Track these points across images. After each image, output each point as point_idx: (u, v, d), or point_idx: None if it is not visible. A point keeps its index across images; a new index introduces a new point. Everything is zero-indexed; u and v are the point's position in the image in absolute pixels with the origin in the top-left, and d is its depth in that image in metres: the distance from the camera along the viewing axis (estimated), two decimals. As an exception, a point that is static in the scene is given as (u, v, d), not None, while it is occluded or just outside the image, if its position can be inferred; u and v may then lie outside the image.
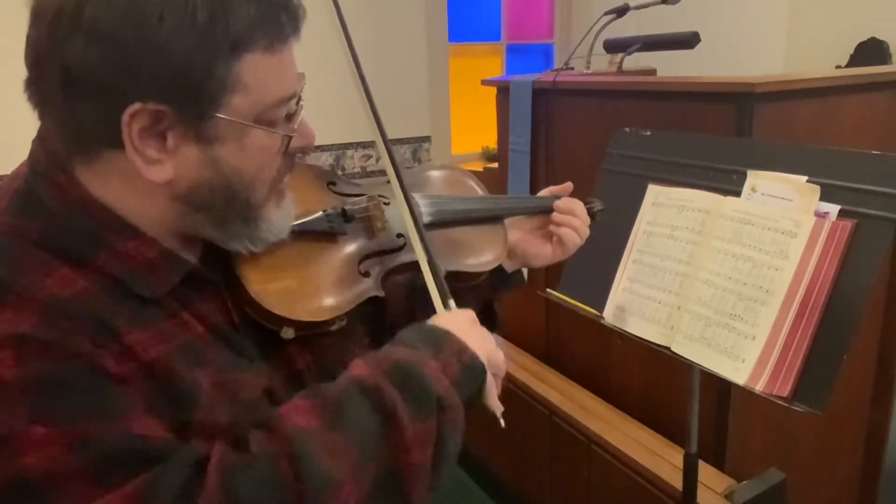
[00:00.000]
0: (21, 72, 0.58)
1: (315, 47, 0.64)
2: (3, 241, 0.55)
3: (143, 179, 0.57)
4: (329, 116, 3.30)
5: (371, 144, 3.52)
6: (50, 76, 0.54)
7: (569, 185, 1.03)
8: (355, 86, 0.75)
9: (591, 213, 1.02)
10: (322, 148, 3.37)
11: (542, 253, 0.99)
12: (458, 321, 0.71)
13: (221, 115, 0.57)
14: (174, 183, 0.59)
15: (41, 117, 0.59)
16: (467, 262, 0.88)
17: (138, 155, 0.56)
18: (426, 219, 0.86)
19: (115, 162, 0.57)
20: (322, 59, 0.63)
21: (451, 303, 0.73)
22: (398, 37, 3.50)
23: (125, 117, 0.54)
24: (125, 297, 0.57)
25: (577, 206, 0.99)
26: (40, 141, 0.61)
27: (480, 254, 0.90)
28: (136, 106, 0.53)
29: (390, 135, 0.79)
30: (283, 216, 0.68)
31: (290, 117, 0.63)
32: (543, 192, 1.04)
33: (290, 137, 0.63)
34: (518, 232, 1.00)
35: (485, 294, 0.97)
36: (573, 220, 0.97)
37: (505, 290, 1.00)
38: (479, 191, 0.99)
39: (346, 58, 0.73)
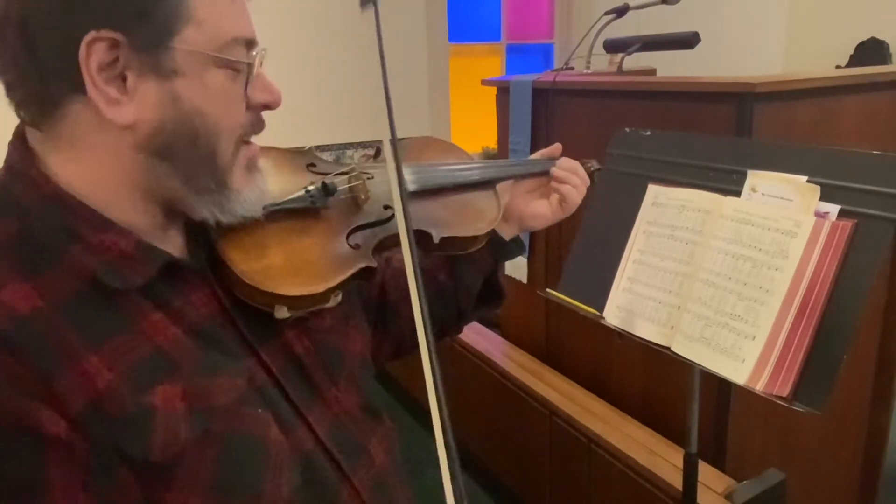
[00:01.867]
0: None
1: (316, 48, 0.64)
2: None
3: (106, 131, 0.58)
4: (329, 116, 3.30)
5: (371, 144, 3.52)
6: (10, 32, 0.56)
7: (558, 146, 1.05)
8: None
9: (589, 174, 1.04)
10: (322, 148, 3.37)
11: (540, 213, 1.00)
12: None
13: (177, 46, 0.58)
14: (136, 127, 0.59)
15: (7, 88, 0.60)
16: (460, 228, 0.87)
17: (99, 94, 0.56)
18: (412, 187, 0.85)
19: (77, 114, 0.58)
20: (323, 59, 0.63)
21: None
22: (398, 37, 3.50)
23: (82, 50, 0.55)
24: (89, 304, 0.57)
25: (576, 164, 1.01)
26: (14, 135, 0.62)
27: (475, 217, 0.89)
28: (91, 35, 0.55)
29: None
30: (254, 188, 0.68)
31: (250, 66, 0.64)
32: (535, 156, 1.04)
33: (249, 72, 0.63)
34: (510, 195, 1.00)
35: (486, 265, 0.98)
36: (574, 177, 0.99)
37: (505, 258, 1.00)
38: (464, 156, 0.98)
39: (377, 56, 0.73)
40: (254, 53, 0.64)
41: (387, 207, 0.80)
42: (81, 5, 0.55)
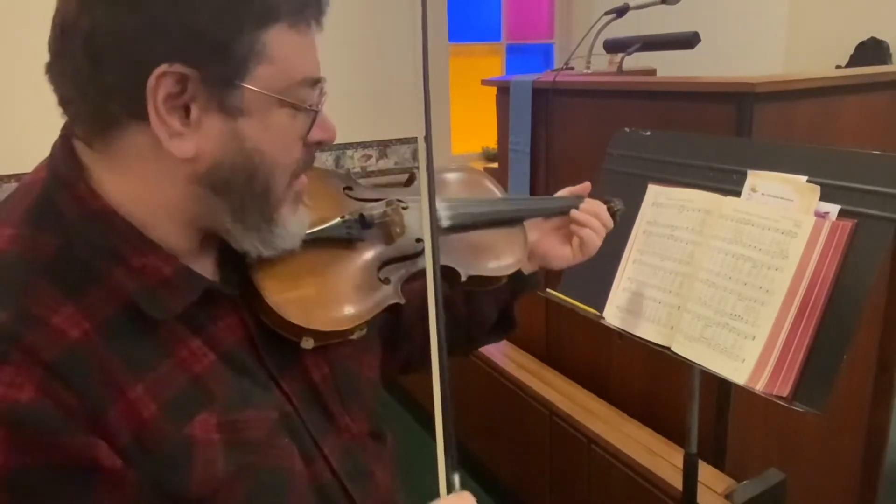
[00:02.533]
0: (25, 74, 0.58)
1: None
2: (17, 264, 0.54)
3: (163, 159, 0.57)
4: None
5: (371, 145, 3.52)
6: (75, 44, 0.54)
7: (587, 185, 1.01)
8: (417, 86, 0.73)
9: (611, 213, 1.01)
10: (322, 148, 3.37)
11: (562, 254, 0.97)
12: None
13: (247, 85, 0.57)
14: (196, 160, 0.57)
15: (63, 98, 0.58)
16: (488, 266, 0.86)
17: (162, 125, 0.55)
18: (445, 223, 0.84)
19: (136, 140, 0.57)
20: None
21: (455, 479, 0.62)
22: (398, 37, 3.50)
23: (151, 81, 0.53)
24: (130, 327, 0.56)
25: (600, 207, 0.98)
26: (61, 143, 0.60)
27: (501, 257, 0.88)
28: (163, 68, 0.53)
29: (390, 135, 0.79)
30: (297, 223, 0.67)
31: (312, 105, 0.63)
32: (562, 192, 1.02)
33: (313, 121, 0.63)
34: (537, 232, 0.98)
35: (503, 297, 0.96)
36: (594, 221, 0.96)
37: (523, 292, 0.98)
38: (497, 192, 0.97)
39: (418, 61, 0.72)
40: (318, 92, 0.63)
41: (419, 241, 0.79)
42: (158, 34, 0.53)
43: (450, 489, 0.60)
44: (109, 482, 0.52)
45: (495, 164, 2.27)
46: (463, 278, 0.82)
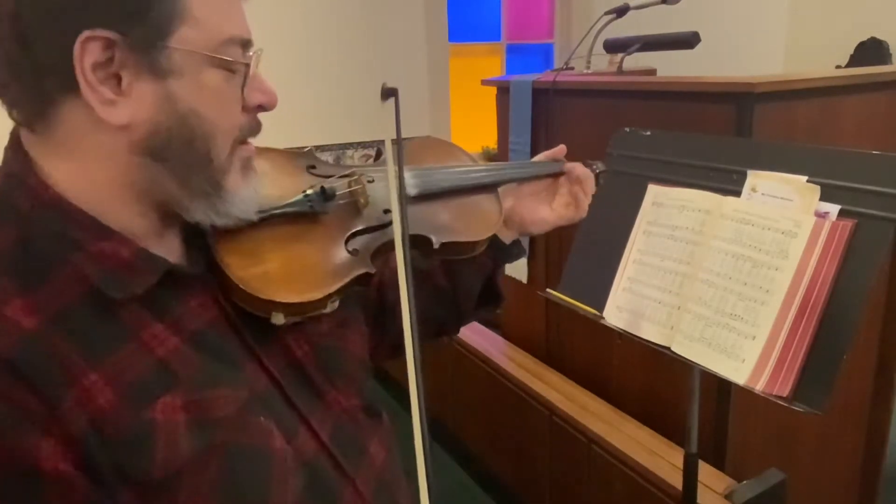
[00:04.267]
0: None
1: (316, 47, 0.64)
2: None
3: (101, 131, 0.57)
4: (329, 116, 3.30)
5: (371, 145, 3.52)
6: (3, 29, 0.55)
7: (563, 148, 1.02)
8: None
9: (596, 175, 1.02)
10: (322, 148, 3.37)
11: (541, 217, 0.98)
12: None
13: (173, 45, 0.57)
14: (132, 128, 0.58)
15: (2, 88, 0.59)
16: (463, 232, 0.86)
17: (94, 93, 0.56)
18: (412, 191, 0.84)
19: (71, 115, 0.57)
20: (323, 60, 0.63)
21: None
22: (398, 37, 3.50)
23: (76, 48, 0.54)
24: (87, 316, 0.56)
25: (581, 168, 1.00)
26: (10, 141, 0.61)
27: (474, 223, 0.88)
28: (86, 34, 0.54)
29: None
30: (249, 190, 0.67)
31: (246, 67, 0.63)
32: (539, 157, 1.02)
33: (246, 74, 0.63)
34: (512, 199, 0.98)
35: (485, 267, 0.96)
36: (588, 181, 0.97)
37: (505, 261, 0.98)
38: (467, 159, 0.97)
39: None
40: (250, 54, 0.64)
41: (387, 212, 0.79)
42: (77, 2, 0.54)
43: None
44: (56, 488, 0.52)
45: (495, 164, 2.27)
46: (435, 245, 0.81)
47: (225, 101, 0.63)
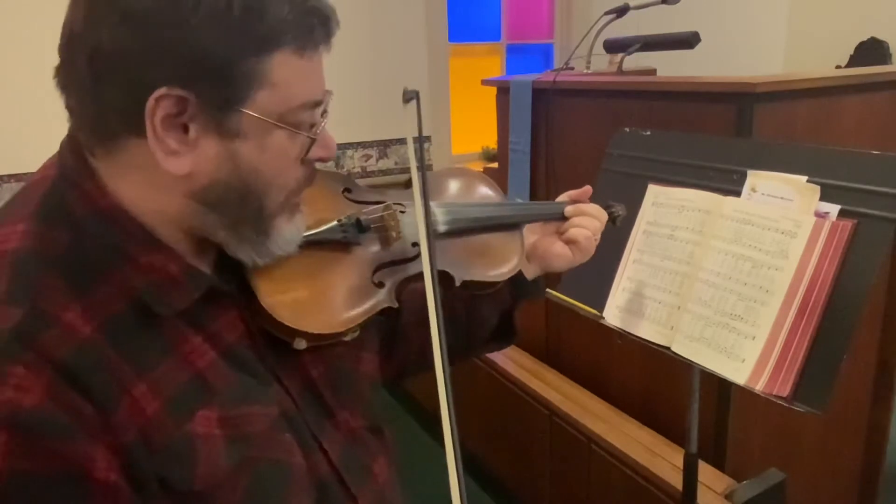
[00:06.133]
0: (25, 74, 0.58)
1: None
2: (30, 260, 0.54)
3: (161, 173, 0.57)
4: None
5: (371, 145, 3.52)
6: (79, 57, 0.55)
7: (588, 189, 1.00)
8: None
9: (612, 218, 1.00)
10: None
11: (561, 255, 0.96)
12: None
13: (245, 110, 0.57)
14: (192, 177, 0.58)
15: (67, 105, 0.59)
16: (485, 271, 0.85)
17: (159, 144, 0.55)
18: (441, 227, 0.84)
19: (135, 152, 0.57)
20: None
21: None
22: (398, 37, 3.50)
23: (150, 102, 0.54)
24: (134, 325, 0.56)
25: (590, 207, 0.97)
26: (69, 141, 0.61)
27: (498, 261, 0.88)
28: (162, 90, 0.53)
29: (390, 135, 0.79)
30: (293, 231, 0.67)
31: (312, 126, 0.63)
32: (562, 197, 1.01)
33: (311, 143, 0.63)
34: (535, 235, 0.98)
35: (504, 302, 0.96)
36: (586, 220, 0.95)
37: (524, 298, 0.97)
38: (495, 195, 0.96)
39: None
40: (320, 111, 0.63)
41: (415, 245, 0.79)
42: (160, 57, 0.53)
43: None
44: (104, 497, 0.52)
45: (495, 164, 2.27)
46: (457, 283, 0.81)
47: (287, 161, 0.62)
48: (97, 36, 0.53)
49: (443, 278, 0.81)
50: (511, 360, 2.06)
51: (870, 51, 4.24)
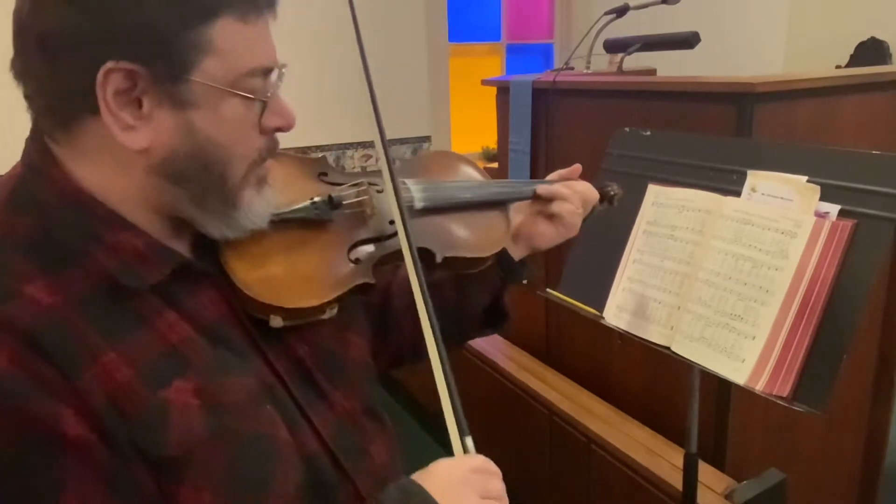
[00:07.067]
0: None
1: (315, 47, 0.64)
2: None
3: (120, 150, 0.58)
4: (329, 116, 3.30)
5: (371, 144, 3.52)
6: (30, 44, 0.56)
7: (577, 167, 1.00)
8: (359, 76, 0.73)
9: (607, 196, 1.00)
10: (322, 148, 3.37)
11: (546, 233, 0.97)
12: (446, 481, 0.64)
13: (195, 79, 0.58)
14: (150, 152, 0.59)
15: (25, 94, 0.60)
16: (467, 248, 0.86)
17: (113, 119, 0.57)
18: (419, 204, 0.84)
19: (94, 133, 0.58)
20: (323, 60, 0.63)
21: (469, 443, 0.65)
22: (398, 37, 3.50)
23: (99, 77, 0.55)
24: (105, 303, 0.57)
25: (575, 182, 0.97)
26: (32, 133, 0.62)
27: (481, 239, 0.88)
28: (109, 64, 0.55)
29: (390, 134, 0.79)
30: (262, 203, 0.68)
31: (263, 95, 0.64)
32: (552, 176, 1.02)
33: (265, 105, 0.64)
34: (522, 215, 0.98)
35: (493, 285, 0.96)
36: (565, 192, 0.95)
37: (513, 279, 0.97)
38: (478, 175, 0.97)
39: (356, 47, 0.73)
40: (272, 79, 0.64)
41: (392, 223, 0.79)
42: (102, 34, 0.55)
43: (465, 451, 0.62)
44: (76, 452, 0.53)
45: (495, 164, 2.27)
46: (438, 259, 0.82)
47: (243, 129, 0.63)
48: (44, 20, 0.55)
49: (424, 255, 0.81)
50: (511, 360, 2.06)
51: (870, 51, 4.24)
